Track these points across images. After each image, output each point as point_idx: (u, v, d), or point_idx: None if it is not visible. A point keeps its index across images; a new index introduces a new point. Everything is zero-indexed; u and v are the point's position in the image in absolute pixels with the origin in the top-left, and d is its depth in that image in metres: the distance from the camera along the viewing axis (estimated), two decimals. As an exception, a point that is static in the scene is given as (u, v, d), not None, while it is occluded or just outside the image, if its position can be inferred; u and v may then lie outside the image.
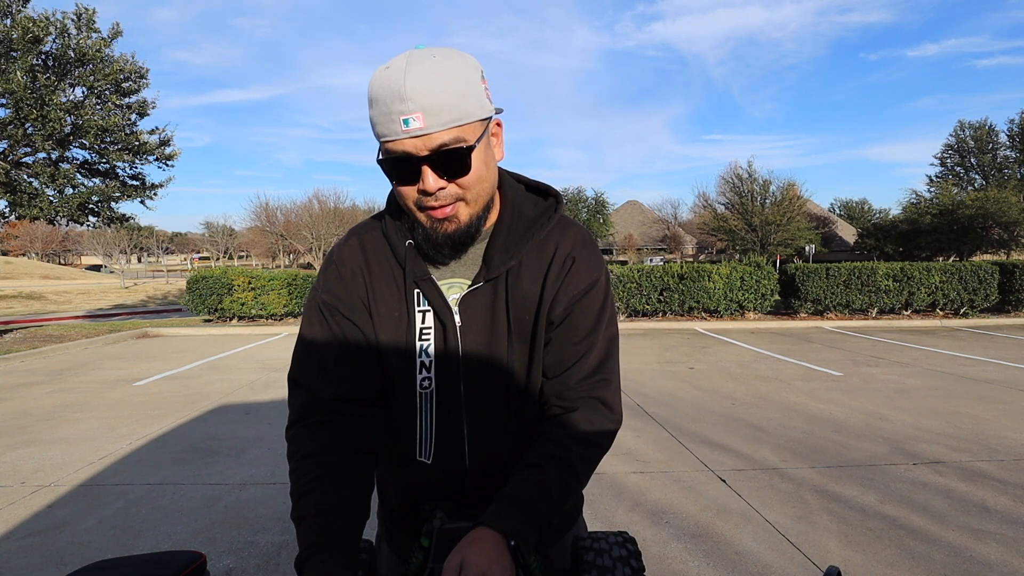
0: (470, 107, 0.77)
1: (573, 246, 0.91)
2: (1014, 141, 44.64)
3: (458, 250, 0.88)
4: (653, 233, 49.02)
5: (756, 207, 33.97)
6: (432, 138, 0.75)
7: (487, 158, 0.83)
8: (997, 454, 3.98)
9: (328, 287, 0.92)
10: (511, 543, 0.73)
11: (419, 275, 0.88)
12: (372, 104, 0.78)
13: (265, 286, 11.84)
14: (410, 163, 0.77)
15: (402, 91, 0.73)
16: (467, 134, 0.78)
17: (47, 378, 6.95)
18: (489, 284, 0.88)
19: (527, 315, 0.89)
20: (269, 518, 3.09)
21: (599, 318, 0.91)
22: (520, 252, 0.88)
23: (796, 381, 6.41)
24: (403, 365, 0.89)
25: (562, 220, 0.94)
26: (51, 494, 3.43)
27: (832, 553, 2.68)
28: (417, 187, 0.79)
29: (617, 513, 3.12)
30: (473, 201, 0.82)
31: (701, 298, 11.85)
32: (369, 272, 0.91)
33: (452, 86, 0.75)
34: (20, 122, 9.39)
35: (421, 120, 0.74)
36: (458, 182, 0.79)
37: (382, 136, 0.78)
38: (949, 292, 11.98)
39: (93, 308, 18.71)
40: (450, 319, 0.88)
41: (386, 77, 0.75)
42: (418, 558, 0.81)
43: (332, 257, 0.94)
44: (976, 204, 29.43)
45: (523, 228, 0.90)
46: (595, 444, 0.88)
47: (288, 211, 41.76)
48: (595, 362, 0.90)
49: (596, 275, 0.91)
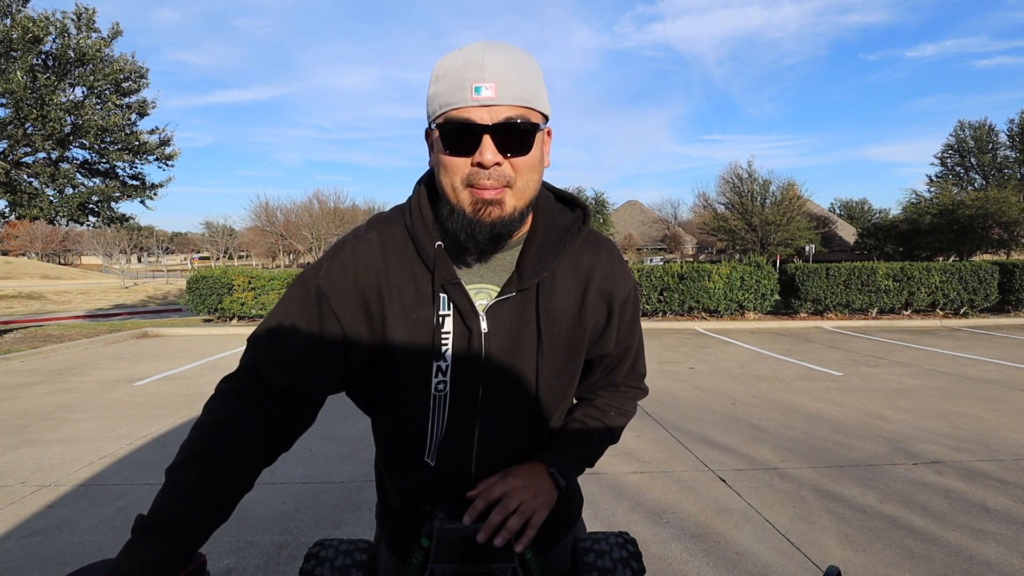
0: (538, 95, 0.79)
1: (609, 267, 0.93)
2: (1014, 141, 44.62)
3: (493, 245, 0.84)
4: (653, 233, 49.03)
5: (756, 207, 33.96)
6: (500, 110, 0.76)
7: (541, 152, 0.83)
8: (997, 454, 3.98)
9: (328, 274, 0.87)
10: (550, 469, 0.87)
11: (448, 278, 0.85)
12: (437, 79, 0.78)
13: (265, 286, 11.83)
14: (472, 131, 0.76)
15: (480, 62, 0.75)
16: (531, 116, 0.78)
17: (47, 378, 6.95)
18: (520, 295, 0.87)
19: (559, 328, 0.89)
20: (269, 518, 3.09)
21: (634, 322, 1.00)
22: (553, 263, 0.88)
23: (796, 381, 6.41)
24: (417, 367, 0.87)
25: (591, 234, 0.95)
26: (51, 494, 3.43)
27: (832, 553, 2.68)
28: (472, 159, 0.77)
29: (617, 513, 3.12)
30: (520, 192, 0.81)
31: (701, 298, 11.85)
32: (387, 271, 0.86)
33: (526, 69, 0.78)
34: (20, 122, 9.38)
35: (494, 90, 0.75)
36: (514, 162, 0.78)
37: (447, 104, 0.77)
38: (949, 292, 11.98)
39: (93, 308, 18.71)
40: (476, 325, 0.85)
41: (461, 54, 0.78)
42: (418, 558, 0.81)
43: (344, 247, 0.89)
44: (976, 204, 29.41)
45: (555, 238, 0.90)
46: (627, 412, 1.04)
47: (288, 211, 41.85)
48: (632, 361, 1.04)
49: (629, 288, 0.97)
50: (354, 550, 0.81)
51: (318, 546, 0.82)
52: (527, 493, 0.83)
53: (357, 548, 0.81)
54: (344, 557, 0.79)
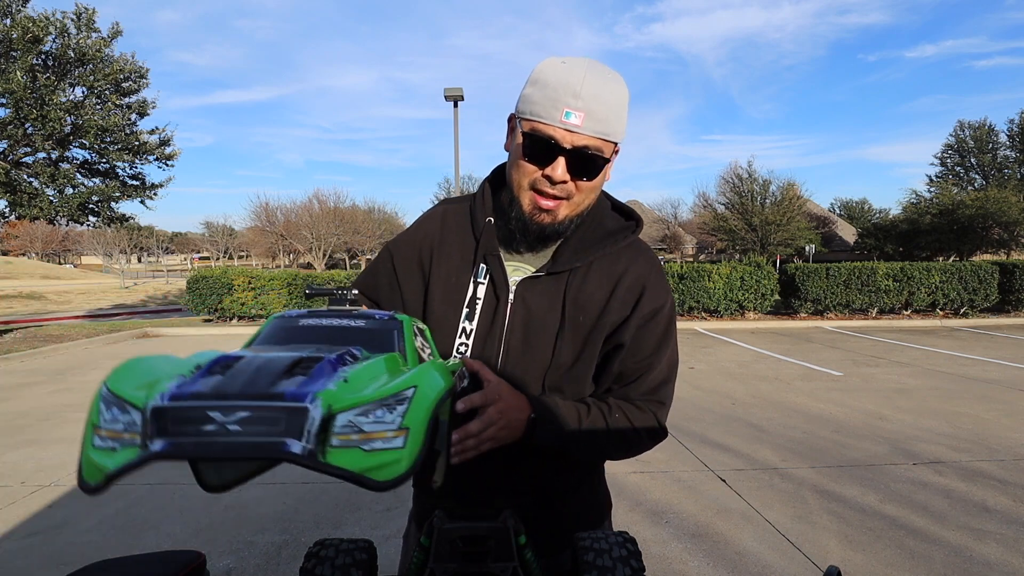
0: (618, 128, 0.87)
1: (645, 271, 0.98)
2: (1014, 141, 44.62)
3: (541, 243, 0.96)
4: (653, 233, 49.03)
5: (756, 207, 33.93)
6: (581, 137, 0.84)
7: (604, 175, 0.91)
8: (997, 454, 3.98)
9: (400, 240, 1.06)
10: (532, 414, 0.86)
11: (489, 249, 0.96)
12: (536, 84, 0.86)
13: (265, 286, 11.82)
14: (552, 148, 0.85)
15: (578, 89, 0.82)
16: (605, 149, 0.87)
17: (47, 378, 6.95)
18: (551, 277, 0.95)
19: (584, 317, 0.95)
20: (269, 518, 3.09)
21: (662, 341, 0.97)
22: (590, 256, 0.95)
23: (796, 381, 6.41)
24: (446, 324, 0.96)
25: (637, 242, 1.01)
26: (51, 494, 3.43)
27: (832, 553, 2.68)
28: (543, 171, 0.87)
29: (617, 513, 3.10)
30: (575, 205, 0.91)
31: (701, 298, 11.85)
32: (441, 239, 1.01)
33: (615, 104, 0.86)
34: (20, 122, 9.39)
35: (581, 119, 0.83)
36: (578, 183, 0.88)
37: (537, 116, 0.85)
38: (949, 292, 11.98)
39: (93, 308, 18.71)
40: (505, 295, 0.94)
41: (563, 70, 0.84)
42: (418, 557, 0.81)
43: (418, 220, 1.08)
44: (976, 204, 29.39)
45: (598, 237, 0.97)
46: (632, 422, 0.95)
47: (288, 211, 41.75)
48: (654, 383, 0.97)
49: (663, 301, 0.98)
50: (354, 549, 0.81)
51: (318, 546, 0.82)
52: (496, 428, 0.81)
53: (357, 548, 0.81)
54: (344, 556, 0.79)
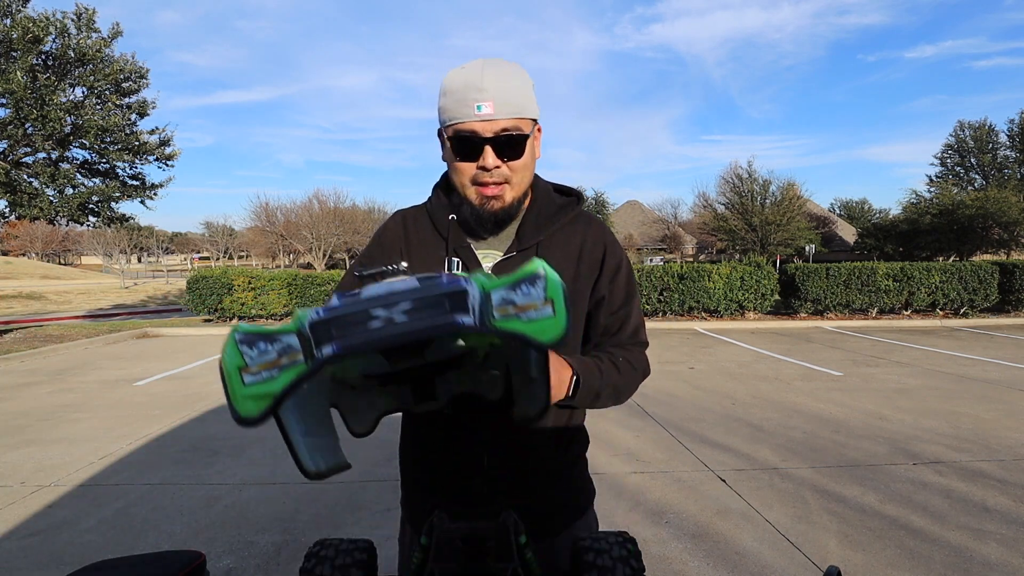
0: (527, 105, 0.95)
1: (600, 235, 1.09)
2: (1014, 141, 44.60)
3: (498, 227, 1.04)
4: (653, 233, 49.01)
5: (756, 207, 33.92)
6: (497, 123, 0.92)
7: (532, 151, 1.00)
8: (997, 454, 3.98)
9: (366, 253, 1.12)
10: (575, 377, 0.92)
11: (459, 244, 1.03)
12: (446, 94, 0.94)
13: (265, 286, 11.82)
14: (476, 142, 0.93)
15: (480, 83, 0.91)
16: (523, 126, 0.95)
17: (47, 378, 6.95)
18: (521, 254, 1.03)
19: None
20: (269, 518, 3.09)
21: (629, 291, 1.09)
22: (549, 230, 1.05)
23: (796, 381, 6.41)
24: None
25: (584, 214, 1.11)
26: (51, 494, 3.43)
27: (832, 553, 2.68)
28: (477, 164, 0.95)
29: (617, 513, 3.12)
30: (517, 185, 0.99)
31: (701, 298, 11.85)
32: (407, 242, 1.08)
33: (517, 85, 0.94)
34: (20, 122, 9.39)
35: (491, 107, 0.91)
36: (510, 164, 0.96)
37: (453, 119, 0.93)
38: (949, 292, 11.98)
39: (93, 308, 18.71)
40: None
41: (463, 73, 0.93)
42: (418, 557, 0.81)
43: (377, 231, 1.14)
44: (976, 204, 29.39)
45: (552, 212, 1.07)
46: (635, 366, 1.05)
47: (288, 211, 41.73)
48: (634, 327, 1.09)
49: (621, 256, 1.10)
50: (354, 550, 0.80)
51: (318, 546, 0.82)
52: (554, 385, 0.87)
53: (357, 548, 0.81)
54: (344, 556, 0.79)
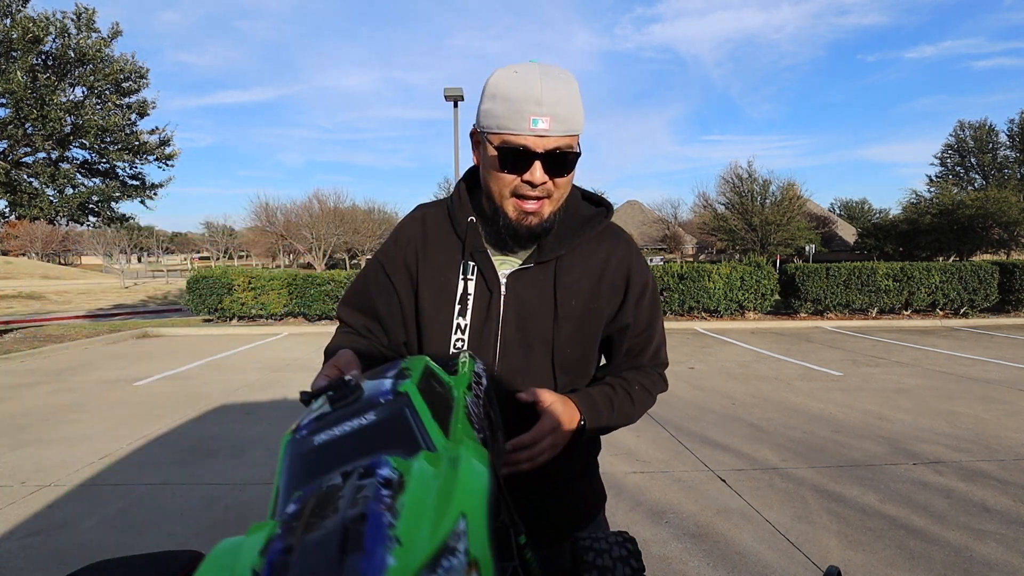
0: (580, 122, 0.92)
1: (626, 254, 1.06)
2: (1014, 141, 44.64)
3: (532, 242, 1.00)
4: (653, 233, 49.00)
5: (756, 207, 33.93)
6: (551, 140, 0.89)
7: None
8: (997, 454, 3.98)
9: (384, 249, 1.09)
10: (582, 421, 0.94)
11: (476, 248, 1.00)
12: (496, 98, 0.89)
13: (265, 286, 11.82)
14: (526, 156, 0.89)
15: (539, 96, 0.86)
16: (574, 143, 0.92)
17: (47, 378, 6.95)
18: (539, 267, 1.00)
19: (576, 300, 1.01)
20: (269, 518, 3.08)
21: (654, 312, 1.09)
22: (572, 244, 1.01)
23: (796, 381, 6.41)
24: (440, 324, 1.00)
25: (612, 227, 1.08)
26: (51, 494, 3.43)
27: (832, 553, 2.68)
28: (522, 177, 0.91)
29: (617, 513, 3.12)
30: (556, 201, 0.96)
31: (701, 298, 11.85)
32: (424, 241, 1.04)
33: (575, 102, 0.90)
34: (20, 122, 9.41)
35: (548, 123, 0.87)
36: (556, 181, 0.93)
37: (504, 128, 0.89)
38: (949, 292, 11.98)
39: (93, 308, 18.70)
40: (497, 288, 0.99)
41: (519, 80, 0.88)
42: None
43: (396, 227, 1.11)
44: (976, 204, 29.41)
45: (576, 225, 1.03)
46: (651, 391, 1.07)
47: (288, 211, 41.63)
48: (656, 347, 1.10)
49: (647, 277, 1.08)
50: None
51: None
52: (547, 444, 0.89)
53: None
54: None
